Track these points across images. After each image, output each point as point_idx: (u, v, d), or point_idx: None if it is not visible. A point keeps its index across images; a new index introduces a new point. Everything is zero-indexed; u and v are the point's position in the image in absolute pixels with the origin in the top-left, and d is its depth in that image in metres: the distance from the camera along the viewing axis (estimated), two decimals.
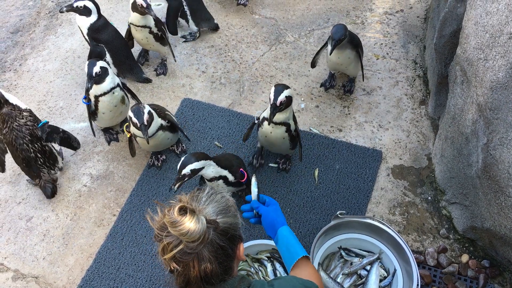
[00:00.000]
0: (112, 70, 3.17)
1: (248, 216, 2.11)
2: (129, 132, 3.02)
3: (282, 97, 2.71)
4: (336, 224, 2.70)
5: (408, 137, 3.42)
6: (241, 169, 2.80)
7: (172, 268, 1.54)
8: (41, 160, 3.04)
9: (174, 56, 3.79)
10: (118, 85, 3.17)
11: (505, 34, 2.25)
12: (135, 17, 3.49)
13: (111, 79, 3.11)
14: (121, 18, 4.24)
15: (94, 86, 3.07)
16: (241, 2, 4.25)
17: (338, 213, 2.69)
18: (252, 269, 2.71)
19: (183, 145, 3.39)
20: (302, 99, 3.66)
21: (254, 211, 2.11)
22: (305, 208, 3.10)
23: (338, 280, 2.68)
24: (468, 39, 2.61)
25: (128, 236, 3.02)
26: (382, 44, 3.98)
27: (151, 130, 2.93)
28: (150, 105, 3.02)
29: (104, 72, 3.06)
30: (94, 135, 3.40)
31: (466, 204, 2.83)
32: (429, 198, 3.12)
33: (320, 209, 3.09)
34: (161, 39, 3.66)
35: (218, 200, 1.63)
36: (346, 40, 3.24)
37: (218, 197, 1.64)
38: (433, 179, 3.18)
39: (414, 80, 3.73)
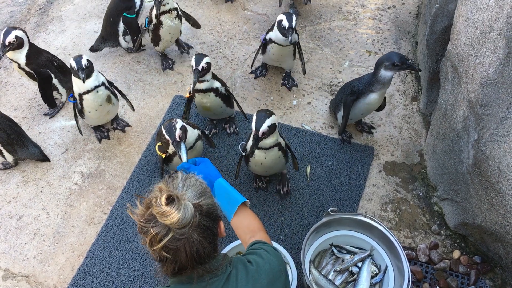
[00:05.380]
0: (96, 68, 3.12)
1: None
2: (163, 153, 2.92)
3: (264, 128, 2.58)
4: (328, 221, 2.69)
5: (400, 134, 3.42)
6: None
7: (162, 257, 1.55)
8: None
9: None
10: (102, 84, 3.13)
11: (495, 30, 2.24)
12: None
13: (95, 77, 3.08)
14: None
15: (78, 82, 3.03)
16: None
17: (329, 210, 2.68)
18: None
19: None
20: (294, 95, 3.65)
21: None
22: (297, 205, 3.09)
23: (330, 277, 2.68)
24: (459, 35, 2.61)
25: (119, 234, 3.01)
26: (374, 40, 3.97)
27: (190, 141, 2.84)
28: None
29: (91, 65, 3.03)
30: (81, 134, 3.37)
31: (457, 200, 2.83)
32: (421, 194, 3.12)
33: (312, 206, 3.09)
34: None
35: (194, 183, 1.65)
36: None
37: (193, 181, 1.67)
38: (425, 175, 3.18)
39: (406, 76, 3.73)
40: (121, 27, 3.76)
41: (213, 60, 3.88)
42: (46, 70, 3.38)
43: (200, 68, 2.93)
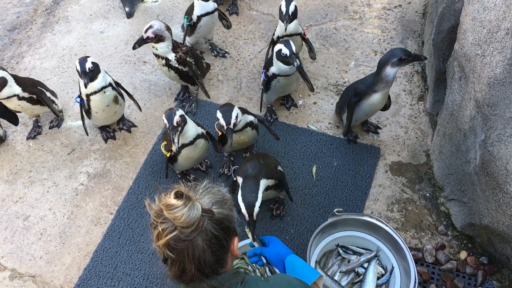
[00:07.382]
0: (103, 68, 3.11)
1: (255, 261, 2.18)
2: (168, 152, 2.90)
3: (257, 210, 2.38)
4: (333, 221, 2.68)
5: (407, 134, 3.40)
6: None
7: (166, 256, 1.53)
8: None
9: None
10: (110, 84, 3.11)
11: (502, 30, 2.23)
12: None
13: (102, 78, 3.06)
14: None
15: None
16: (232, 12, 4.23)
17: (335, 210, 2.67)
18: (250, 267, 2.70)
19: (207, 161, 3.32)
20: (300, 95, 3.64)
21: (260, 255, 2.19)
22: (303, 206, 3.09)
23: (336, 278, 2.68)
24: (466, 34, 2.59)
25: (125, 235, 3.02)
26: (380, 39, 3.95)
27: (189, 135, 2.82)
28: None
29: (96, 68, 3.00)
30: (87, 134, 3.38)
31: (464, 200, 2.82)
32: (427, 194, 3.11)
33: (318, 207, 3.08)
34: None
35: (215, 192, 1.64)
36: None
37: (215, 190, 1.65)
38: (432, 175, 3.16)
39: (413, 76, 3.71)
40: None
41: (219, 61, 3.88)
42: (37, 88, 3.30)
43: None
